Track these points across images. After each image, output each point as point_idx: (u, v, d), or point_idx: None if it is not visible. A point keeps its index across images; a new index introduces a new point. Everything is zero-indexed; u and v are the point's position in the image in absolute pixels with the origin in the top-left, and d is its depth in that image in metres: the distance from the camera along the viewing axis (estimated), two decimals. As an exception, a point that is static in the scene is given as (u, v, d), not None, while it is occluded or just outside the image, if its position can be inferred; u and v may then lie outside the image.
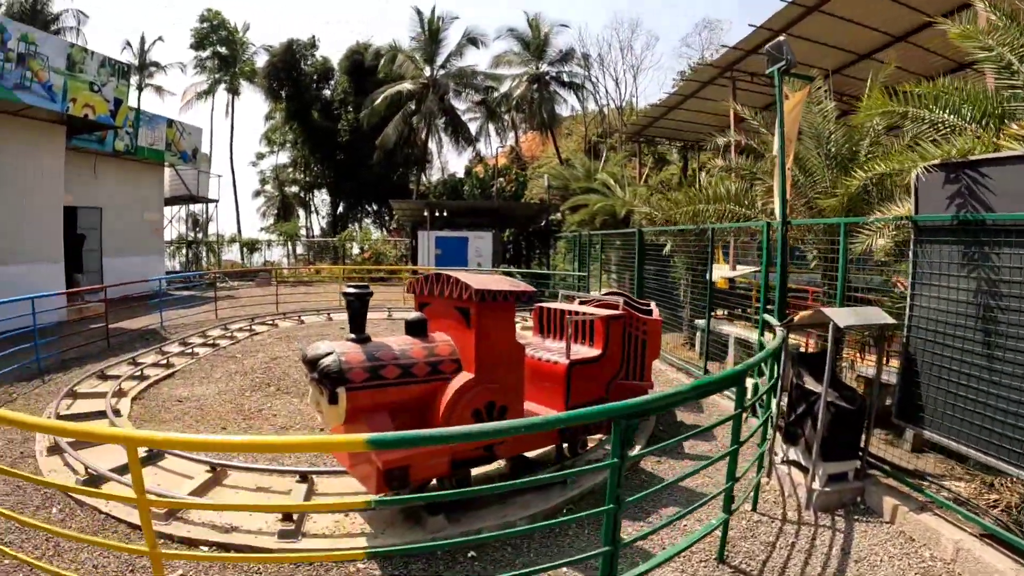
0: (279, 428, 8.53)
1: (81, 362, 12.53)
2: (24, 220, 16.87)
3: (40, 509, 5.95)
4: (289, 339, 14.71)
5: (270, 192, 58.64)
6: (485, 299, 5.69)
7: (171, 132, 27.03)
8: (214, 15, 51.59)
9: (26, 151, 16.90)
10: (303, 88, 49.34)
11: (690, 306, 13.86)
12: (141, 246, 26.25)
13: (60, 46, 16.86)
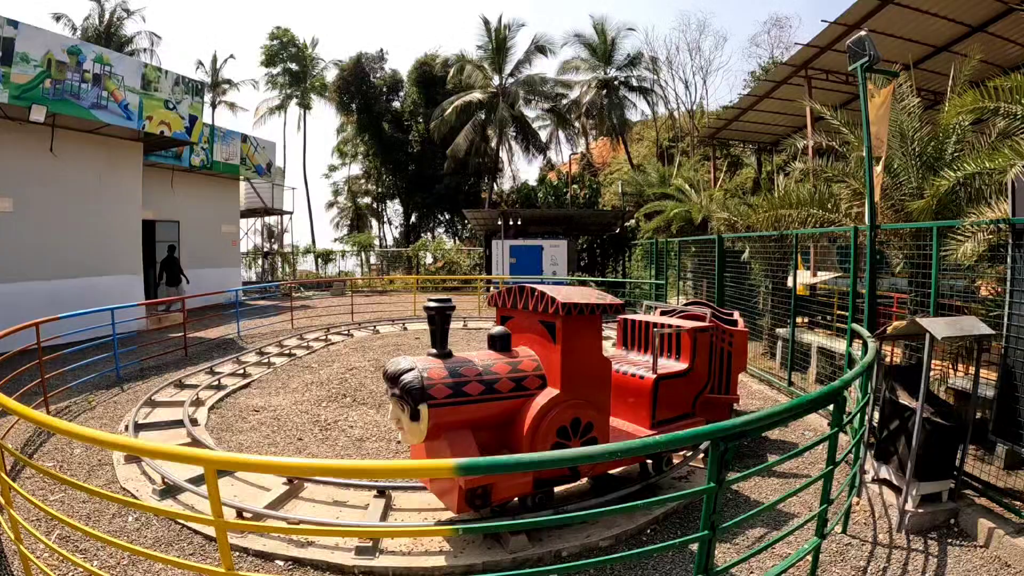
0: (355, 440, 8.44)
1: (159, 371, 12.76)
2: (105, 234, 17.46)
3: (116, 517, 6.05)
4: (365, 349, 14.64)
5: (343, 203, 59.22)
6: (571, 313, 5.53)
7: (246, 147, 27.60)
8: (283, 32, 52.53)
9: (106, 167, 17.54)
10: (373, 101, 49.65)
11: (770, 314, 13.35)
12: (218, 258, 26.92)
13: (135, 66, 17.32)
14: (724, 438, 3.40)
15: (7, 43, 13.76)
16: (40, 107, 14.22)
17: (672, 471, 6.79)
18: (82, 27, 46.92)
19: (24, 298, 14.90)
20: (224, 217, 27.89)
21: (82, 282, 16.55)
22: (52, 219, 16.04)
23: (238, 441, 8.37)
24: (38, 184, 15.75)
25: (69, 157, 16.41)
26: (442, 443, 5.26)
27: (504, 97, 40.95)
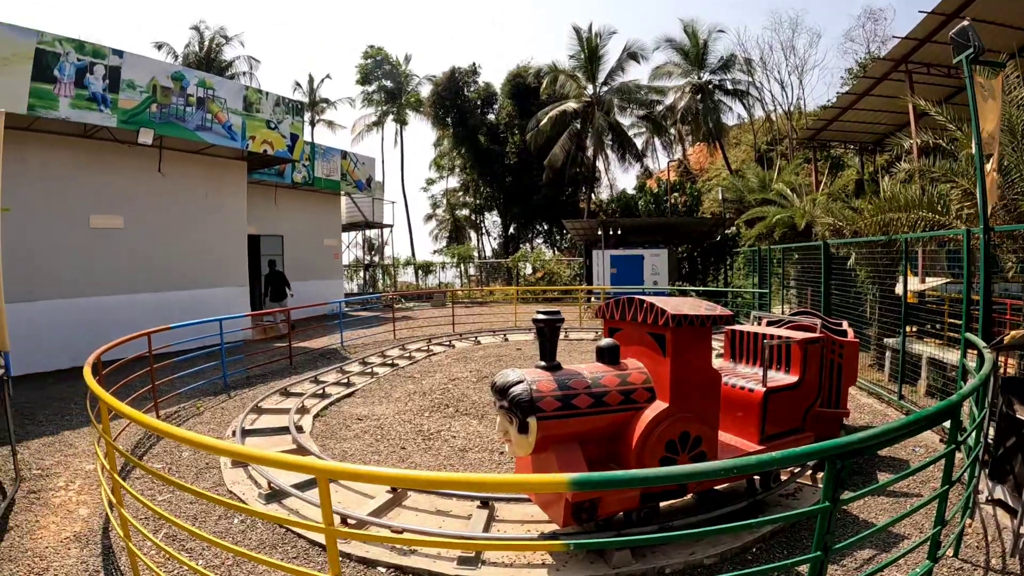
0: (458, 450, 8.42)
1: (265, 379, 13.15)
2: (212, 248, 18.32)
3: (223, 518, 6.26)
4: (466, 360, 14.68)
5: (441, 216, 59.82)
6: (681, 324, 5.43)
7: (345, 163, 28.41)
8: (377, 51, 53.72)
9: (211, 185, 18.44)
10: (468, 114, 50.21)
11: (877, 323, 12.65)
12: (321, 270, 27.72)
13: (236, 89, 18.08)
14: (841, 455, 3.28)
15: (114, 71, 14.60)
16: (148, 130, 15.04)
17: (779, 488, 6.53)
18: (183, 54, 49.13)
19: (136, 309, 15.87)
20: (326, 231, 28.72)
21: (190, 294, 17.43)
22: (161, 235, 16.96)
23: (342, 448, 8.50)
24: (147, 202, 16.68)
25: (176, 176, 17.33)
26: (549, 456, 5.25)
27: (599, 106, 40.70)
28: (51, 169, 14.78)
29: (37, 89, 13.38)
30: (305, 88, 55.60)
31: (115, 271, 15.94)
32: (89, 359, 6.77)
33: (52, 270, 14.66)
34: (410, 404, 10.78)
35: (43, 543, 5.82)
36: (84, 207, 15.46)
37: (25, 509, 6.66)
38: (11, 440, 7.69)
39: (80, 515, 6.48)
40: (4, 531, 6.09)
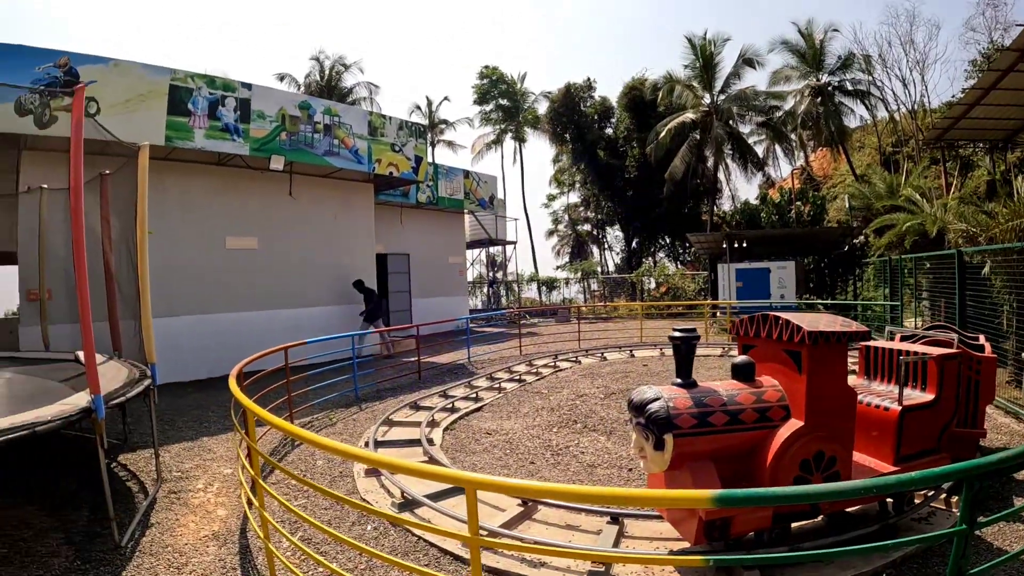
0: (587, 466, 8.32)
1: (395, 393, 13.45)
2: (341, 266, 19.13)
3: (355, 525, 6.44)
4: (593, 376, 14.48)
5: (563, 231, 59.87)
6: (817, 341, 5.33)
7: (468, 182, 28.95)
8: (492, 71, 54.37)
9: (340, 207, 19.31)
10: (585, 129, 50.20)
11: (1015, 337, 11.71)
12: (446, 287, 28.34)
13: (360, 115, 18.83)
14: (979, 476, 3.16)
15: (244, 103, 15.55)
16: (279, 157, 15.99)
17: (912, 511, 6.22)
18: (305, 84, 50.76)
19: (269, 324, 16.79)
20: (451, 249, 29.26)
21: (321, 310, 18.32)
22: (293, 254, 17.91)
23: (472, 462, 8.58)
24: (279, 223, 17.67)
25: (306, 199, 18.26)
26: (684, 473, 5.23)
27: (717, 115, 39.77)
28: (189, 195, 15.78)
29: (173, 122, 14.44)
30: (424, 110, 56.71)
31: (249, 289, 16.95)
32: (234, 370, 7.19)
33: (191, 288, 15.63)
34: (538, 419, 10.73)
35: (183, 540, 6.23)
36: (220, 229, 16.53)
37: (166, 508, 7.11)
38: (154, 444, 8.19)
39: (218, 516, 6.86)
40: (146, 527, 6.54)
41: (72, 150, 6.18)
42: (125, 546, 6.05)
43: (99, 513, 6.74)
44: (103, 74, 14.00)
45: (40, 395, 7.73)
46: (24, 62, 13.43)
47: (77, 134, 6.20)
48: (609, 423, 10.24)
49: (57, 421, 5.85)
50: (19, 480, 8.00)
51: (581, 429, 10.07)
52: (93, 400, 6.10)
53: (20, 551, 5.96)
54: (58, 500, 7.36)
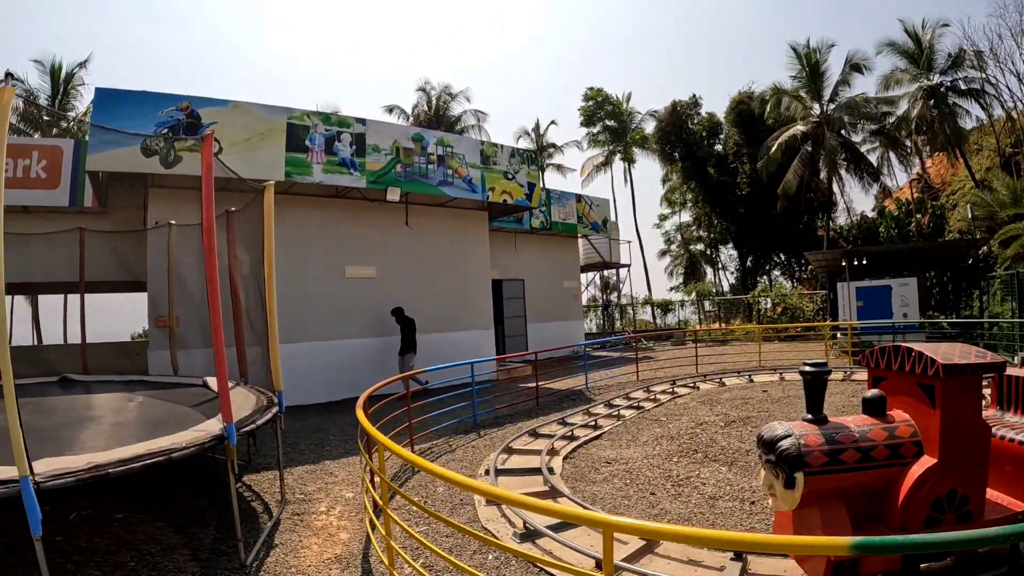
0: (708, 498, 8.07)
1: (513, 419, 13.42)
2: (458, 293, 19.47)
3: (476, 553, 6.39)
4: (712, 403, 14.08)
5: (675, 251, 59.09)
6: (952, 374, 5.07)
7: (580, 206, 29.04)
8: (596, 92, 54.29)
9: (456, 235, 19.69)
10: (694, 146, 49.65)
11: None
12: (561, 312, 28.36)
13: (473, 144, 19.25)
14: None
15: (359, 138, 16.07)
16: (395, 189, 16.47)
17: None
18: (413, 115, 51.51)
19: (387, 351, 17.05)
20: (565, 273, 29.36)
21: (439, 337, 18.50)
22: (410, 282, 18.32)
23: (592, 492, 8.44)
24: (397, 252, 18.17)
25: (422, 228, 18.67)
26: (812, 511, 5.07)
27: (828, 125, 38.36)
28: (309, 226, 16.35)
29: (292, 158, 15.04)
30: (532, 135, 57.02)
31: (368, 316, 17.42)
32: (360, 399, 7.33)
33: (312, 315, 16.16)
34: (658, 448, 10.48)
35: (306, 561, 6.36)
36: (340, 259, 17.09)
37: (289, 529, 7.29)
38: (279, 468, 8.45)
39: (340, 539, 6.97)
40: (271, 547, 6.73)
41: (204, 192, 6.48)
42: (250, 565, 6.23)
43: (225, 532, 7.02)
44: (223, 115, 14.73)
45: (172, 419, 8.19)
46: (150, 107, 14.32)
47: (207, 177, 6.49)
48: (730, 453, 9.93)
49: (192, 448, 6.13)
50: (148, 496, 8.31)
51: (702, 459, 9.80)
52: (226, 428, 6.37)
53: (147, 564, 6.24)
54: (185, 518, 7.64)
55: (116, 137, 13.54)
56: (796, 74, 40.14)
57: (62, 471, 5.16)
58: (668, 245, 60.31)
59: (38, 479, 4.80)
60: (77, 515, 7.65)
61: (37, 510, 4.61)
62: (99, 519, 7.44)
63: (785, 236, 45.72)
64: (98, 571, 6.08)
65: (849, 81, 39.34)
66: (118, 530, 7.19)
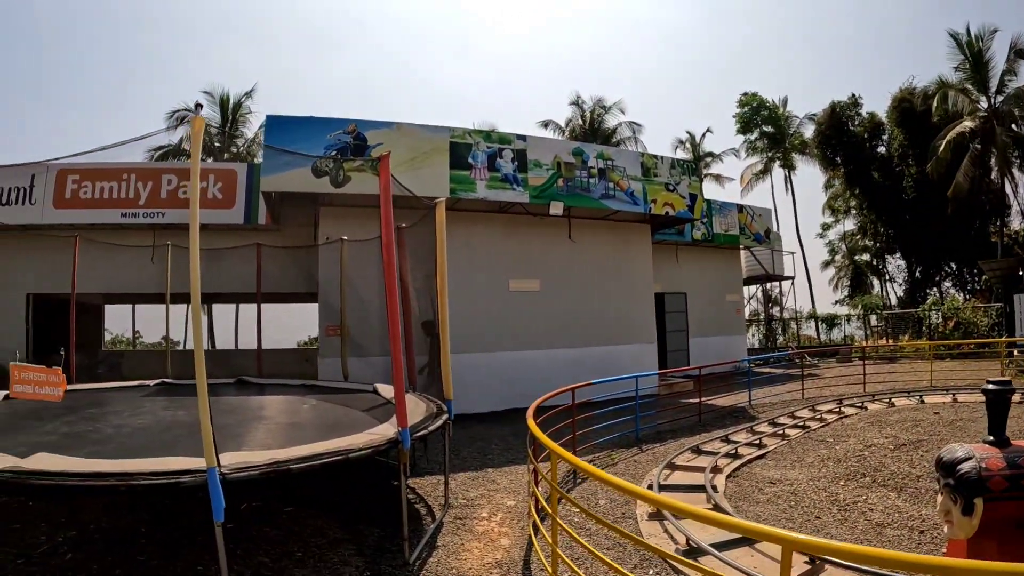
0: (875, 525, 7.73)
1: (674, 435, 13.31)
2: (620, 307, 19.41)
3: (637, 567, 6.35)
4: (881, 424, 13.42)
5: (839, 262, 56.80)
6: None
7: (742, 217, 28.51)
8: (751, 98, 52.61)
9: (618, 248, 19.70)
10: (855, 150, 47.12)
11: None
12: (723, 326, 27.91)
13: (632, 157, 19.24)
14: None
15: (520, 154, 16.43)
16: (558, 203, 16.72)
17: None
18: (567, 129, 51.29)
19: (549, 363, 17.28)
20: (728, 286, 28.95)
21: (601, 350, 18.48)
22: (573, 295, 18.44)
23: (755, 512, 8.28)
24: (559, 266, 18.35)
25: (585, 242, 18.80)
26: (989, 540, 4.73)
27: (997, 120, 35.24)
28: (474, 242, 16.78)
29: (456, 175, 15.57)
30: (688, 144, 56.01)
31: (531, 329, 17.67)
32: (531, 409, 7.53)
33: (476, 327, 16.49)
34: (823, 470, 10.13)
35: (467, 564, 6.52)
36: (504, 273, 17.42)
37: (452, 532, 7.51)
38: (445, 473, 8.69)
39: (502, 544, 7.09)
40: (433, 548, 6.95)
41: (382, 209, 6.87)
42: (412, 564, 6.44)
43: (389, 531, 7.35)
44: (388, 137, 15.42)
45: (345, 422, 8.61)
46: (316, 131, 15.18)
47: (386, 195, 6.80)
48: (899, 478, 9.42)
49: (368, 449, 6.45)
50: (315, 494, 8.79)
51: (869, 483, 9.37)
52: (400, 432, 6.62)
53: (314, 556, 6.63)
54: (350, 515, 8.01)
55: (288, 160, 14.44)
56: (959, 65, 37.05)
57: (246, 464, 5.57)
58: (832, 256, 58.07)
59: (224, 471, 5.18)
60: (248, 506, 8.19)
61: (221, 499, 4.99)
62: (268, 511, 7.98)
63: (955, 243, 42.55)
64: (266, 558, 6.52)
65: (1016, 70, 35.95)
66: (286, 522, 7.71)
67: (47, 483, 5.23)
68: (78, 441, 7.43)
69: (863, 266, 54.51)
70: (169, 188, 19.02)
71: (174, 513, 8.06)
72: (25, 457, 5.62)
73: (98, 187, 18.74)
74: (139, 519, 7.85)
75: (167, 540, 7.10)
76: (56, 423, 8.81)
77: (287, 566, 6.36)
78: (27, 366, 6.95)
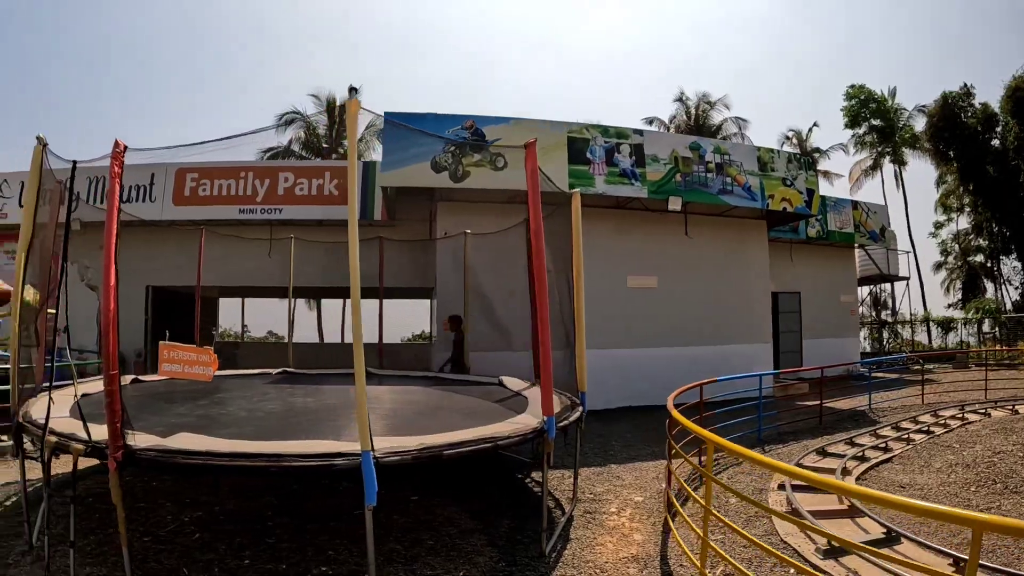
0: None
1: (796, 436, 13.19)
2: (737, 305, 19.09)
3: (777, 566, 6.21)
4: (1007, 432, 12.90)
5: (952, 263, 54.44)
6: None
7: (857, 213, 27.50)
8: (858, 90, 50.21)
9: (734, 245, 19.33)
10: (968, 143, 44.48)
11: None
12: (837, 328, 27.00)
13: (748, 151, 18.92)
14: None
15: (637, 149, 16.29)
16: (676, 198, 16.55)
17: None
18: (672, 126, 50.86)
19: (670, 361, 17.07)
20: (841, 287, 27.97)
21: (717, 349, 18.19)
22: (690, 293, 18.22)
23: (888, 515, 7.95)
24: (676, 263, 18.17)
25: (701, 238, 18.55)
26: None
27: None
28: (592, 237, 16.53)
29: (574, 170, 15.50)
30: (794, 140, 54.46)
31: (648, 327, 17.50)
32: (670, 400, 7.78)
33: (594, 324, 16.26)
34: (953, 476, 9.91)
35: (603, 557, 6.51)
36: (621, 268, 17.29)
37: (582, 526, 7.49)
38: (575, 465, 8.64)
39: (635, 539, 7.06)
40: (567, 541, 6.96)
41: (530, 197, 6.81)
42: (548, 555, 6.46)
43: (518, 522, 7.51)
44: (505, 132, 15.48)
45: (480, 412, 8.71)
46: (437, 126, 15.22)
47: (533, 182, 6.76)
48: (1033, 483, 9.24)
49: (515, 438, 6.50)
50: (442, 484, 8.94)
51: (1001, 490, 9.13)
52: (546, 421, 6.61)
53: (446, 545, 6.69)
54: (480, 506, 8.09)
55: (407, 155, 14.58)
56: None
57: (398, 449, 5.60)
58: (944, 257, 55.53)
59: (376, 454, 5.20)
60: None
61: (375, 482, 5.03)
62: (396, 499, 8.00)
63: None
64: (398, 545, 6.60)
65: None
66: (415, 511, 7.81)
67: (194, 462, 5.38)
68: (213, 423, 7.65)
69: (976, 267, 52.04)
70: (286, 185, 19.61)
71: (300, 497, 8.30)
72: (166, 437, 5.78)
73: (216, 184, 19.55)
74: (265, 503, 8.05)
75: (293, 524, 7.28)
76: (188, 406, 9.14)
77: (419, 553, 6.42)
78: (176, 345, 7.14)
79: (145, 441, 5.50)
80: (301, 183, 19.48)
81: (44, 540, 5.92)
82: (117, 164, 5.52)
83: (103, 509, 7.32)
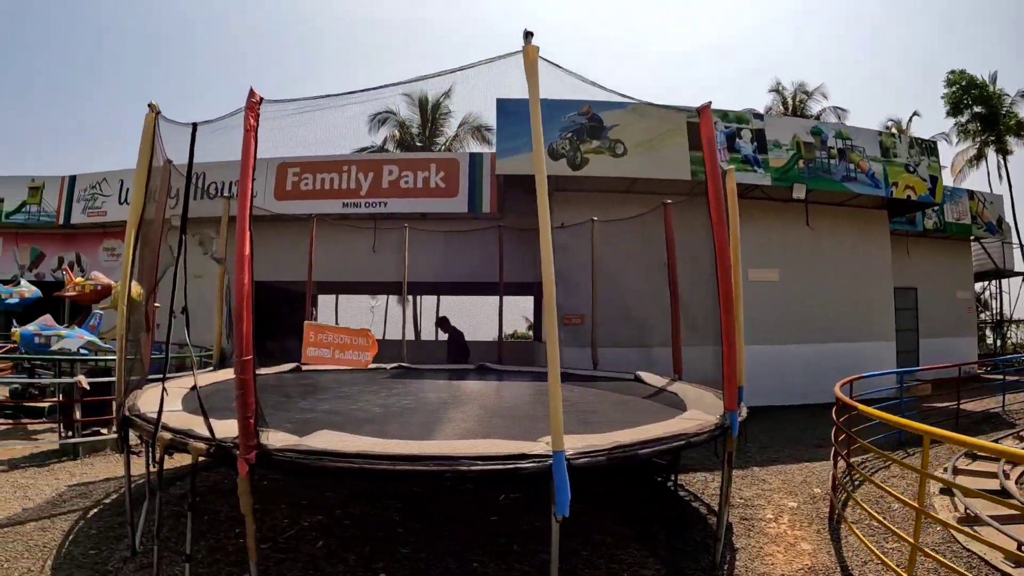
0: None
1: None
2: (858, 301, 18.28)
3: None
4: None
5: (1059, 261, 51.89)
6: None
7: (973, 203, 25.98)
8: (959, 76, 47.84)
9: (855, 237, 18.51)
10: None
11: None
12: (954, 326, 25.59)
13: (871, 136, 17.92)
14: None
15: (758, 134, 15.70)
16: (800, 185, 15.88)
17: None
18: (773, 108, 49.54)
19: (792, 359, 16.66)
20: (958, 282, 26.52)
21: (839, 347, 17.42)
22: (812, 287, 17.52)
23: None
24: (798, 255, 17.47)
25: (822, 229, 17.81)
26: None
27: None
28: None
29: (695, 156, 14.92)
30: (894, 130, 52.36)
31: (770, 322, 16.68)
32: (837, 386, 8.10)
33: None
34: None
35: (777, 570, 6.04)
36: (744, 262, 16.44)
37: (743, 534, 7.01)
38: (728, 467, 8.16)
39: (803, 549, 6.60)
40: (733, 551, 6.48)
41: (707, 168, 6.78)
42: (719, 566, 6.01)
43: (672, 528, 7.11)
44: (623, 117, 15.05)
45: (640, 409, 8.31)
46: (553, 113, 14.82)
47: (711, 150, 6.44)
48: None
49: (703, 434, 6.01)
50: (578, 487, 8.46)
51: None
52: (728, 415, 6.25)
53: (604, 556, 6.17)
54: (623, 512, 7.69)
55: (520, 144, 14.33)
56: None
57: (591, 449, 5.06)
58: (1051, 253, 52.96)
59: (569, 456, 4.69)
60: (506, 497, 7.94)
61: (567, 489, 4.53)
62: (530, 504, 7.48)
63: None
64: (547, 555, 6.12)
65: None
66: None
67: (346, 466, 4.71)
68: (348, 420, 6.88)
69: (1085, 264, 49.55)
70: (391, 178, 19.34)
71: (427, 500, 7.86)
72: (303, 436, 5.09)
73: (319, 179, 19.42)
74: (389, 506, 7.58)
75: (426, 532, 6.83)
76: (309, 400, 8.39)
77: (576, 566, 5.91)
78: (325, 326, 6.68)
79: (281, 440, 4.87)
80: (406, 175, 19.19)
81: (153, 547, 5.43)
82: (253, 116, 5.01)
83: (211, 511, 7.09)
